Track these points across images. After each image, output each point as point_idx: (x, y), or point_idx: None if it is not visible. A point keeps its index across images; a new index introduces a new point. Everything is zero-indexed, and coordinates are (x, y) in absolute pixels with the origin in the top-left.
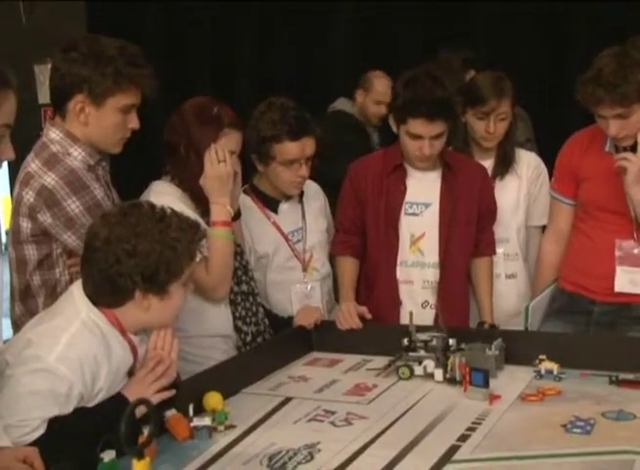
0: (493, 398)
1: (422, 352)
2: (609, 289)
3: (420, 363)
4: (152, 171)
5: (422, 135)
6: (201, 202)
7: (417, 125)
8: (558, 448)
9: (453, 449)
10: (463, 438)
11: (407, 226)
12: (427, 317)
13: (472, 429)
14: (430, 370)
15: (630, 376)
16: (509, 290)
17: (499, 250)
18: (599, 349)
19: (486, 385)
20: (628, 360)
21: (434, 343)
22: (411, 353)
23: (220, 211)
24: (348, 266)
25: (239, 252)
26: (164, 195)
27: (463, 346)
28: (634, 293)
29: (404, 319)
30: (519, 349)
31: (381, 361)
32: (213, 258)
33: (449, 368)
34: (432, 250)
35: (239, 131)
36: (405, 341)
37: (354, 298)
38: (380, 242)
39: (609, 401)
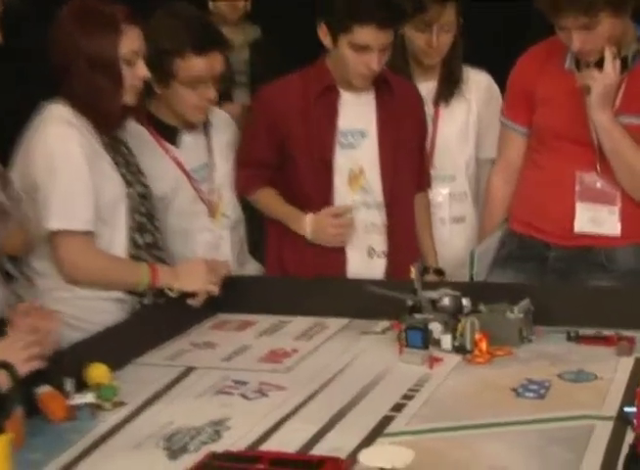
0: (433, 361)
1: (428, 315)
2: (567, 230)
3: (425, 328)
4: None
5: (370, 46)
6: (101, 122)
7: (365, 34)
8: (507, 416)
9: (386, 421)
10: (398, 407)
11: (344, 161)
12: (375, 268)
13: (408, 397)
14: (436, 336)
15: (591, 331)
16: (456, 236)
17: (444, 190)
18: (555, 301)
19: (425, 346)
20: (589, 314)
21: (445, 303)
22: (416, 315)
23: (171, 278)
24: (273, 195)
25: (143, 193)
26: (58, 121)
27: (481, 307)
28: (596, 234)
29: (351, 271)
30: None
31: (301, 322)
32: (109, 267)
33: (458, 333)
34: (374, 187)
35: (138, 26)
36: (409, 300)
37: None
38: (313, 182)
39: (566, 361)
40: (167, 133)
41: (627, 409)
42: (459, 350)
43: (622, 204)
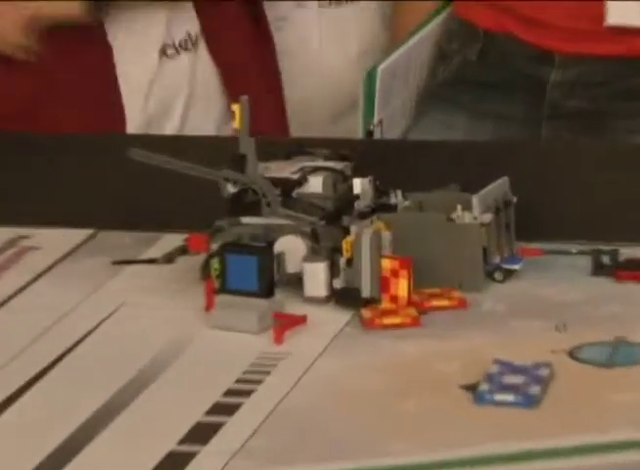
0: (287, 324)
1: (274, 217)
2: (587, 20)
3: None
4: None
5: None
6: None
7: None
8: (455, 448)
9: (172, 465)
10: (203, 433)
11: None
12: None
13: (226, 409)
14: (292, 268)
15: None
16: (337, 39)
17: None
18: (565, 184)
19: (266, 290)
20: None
21: (314, 189)
22: (245, 219)
23: None
24: None
25: None
26: None
27: (396, 199)
28: None
29: (132, 122)
30: None
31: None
32: None
33: (344, 261)
34: None
35: None
36: (229, 183)
37: None
38: None
39: (589, 320)
40: None
41: None
42: (345, 298)
43: None
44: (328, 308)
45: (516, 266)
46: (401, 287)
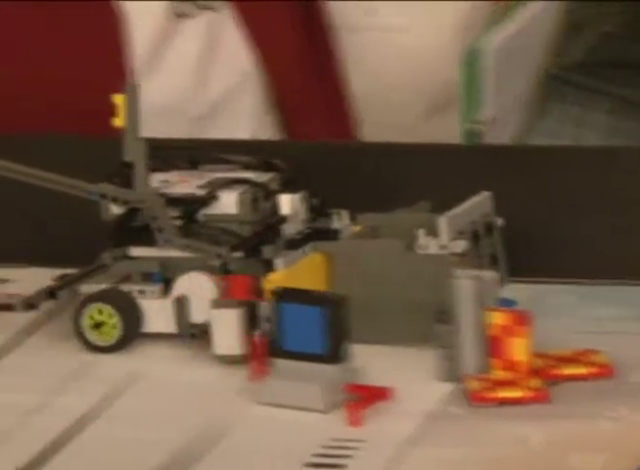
0: (366, 399)
1: (174, 250)
2: None
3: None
4: None
5: None
6: None
7: None
8: None
9: None
10: None
11: None
12: None
13: None
14: (197, 317)
15: None
16: (426, 11)
17: None
18: None
19: (336, 355)
20: None
21: (228, 207)
22: (135, 251)
23: None
24: None
25: None
26: None
27: (340, 220)
28: None
29: None
30: None
31: None
32: None
33: (266, 310)
34: None
35: None
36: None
37: None
38: None
39: None
40: None
41: None
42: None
43: None
44: (416, 378)
45: None
46: (518, 349)
